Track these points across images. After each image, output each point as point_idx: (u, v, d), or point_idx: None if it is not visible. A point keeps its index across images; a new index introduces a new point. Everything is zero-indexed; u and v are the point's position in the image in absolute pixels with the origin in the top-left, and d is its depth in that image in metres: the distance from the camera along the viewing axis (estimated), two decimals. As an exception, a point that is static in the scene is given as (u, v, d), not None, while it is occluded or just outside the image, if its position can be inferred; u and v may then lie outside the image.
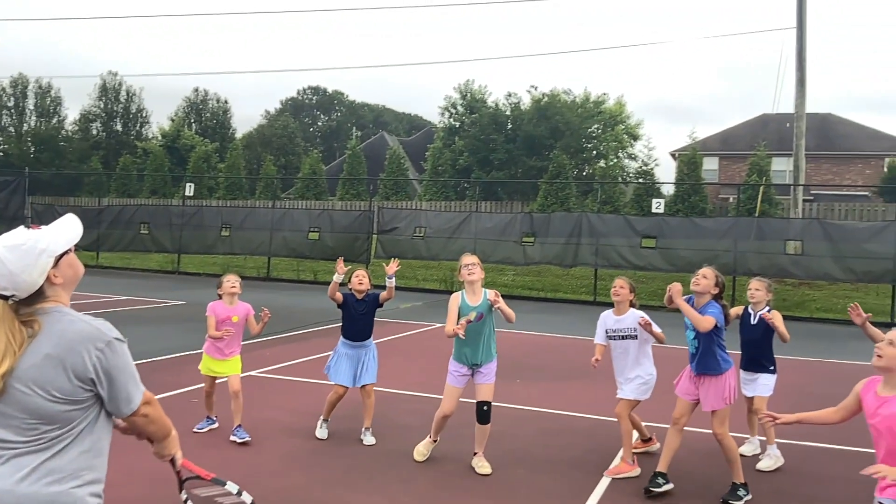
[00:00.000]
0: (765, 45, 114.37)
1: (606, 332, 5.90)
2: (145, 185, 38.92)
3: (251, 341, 10.78)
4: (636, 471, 5.54)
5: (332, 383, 6.31)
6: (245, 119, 78.48)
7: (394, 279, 6.28)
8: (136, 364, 2.32)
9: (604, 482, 5.41)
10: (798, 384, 9.35)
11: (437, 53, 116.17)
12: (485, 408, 5.52)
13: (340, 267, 6.27)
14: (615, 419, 6.78)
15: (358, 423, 6.37)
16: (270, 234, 22.73)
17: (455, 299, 5.55)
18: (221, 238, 23.34)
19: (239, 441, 5.93)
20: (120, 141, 49.52)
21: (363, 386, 6.23)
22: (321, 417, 6.37)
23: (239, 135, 56.98)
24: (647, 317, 5.69)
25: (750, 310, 6.05)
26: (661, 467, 5.26)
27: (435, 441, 5.81)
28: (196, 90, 58.04)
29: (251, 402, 7.26)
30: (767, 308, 5.98)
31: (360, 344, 6.30)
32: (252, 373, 8.61)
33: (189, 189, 25.96)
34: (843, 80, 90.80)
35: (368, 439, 6.17)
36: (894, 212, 19.42)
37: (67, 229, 2.33)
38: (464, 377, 5.60)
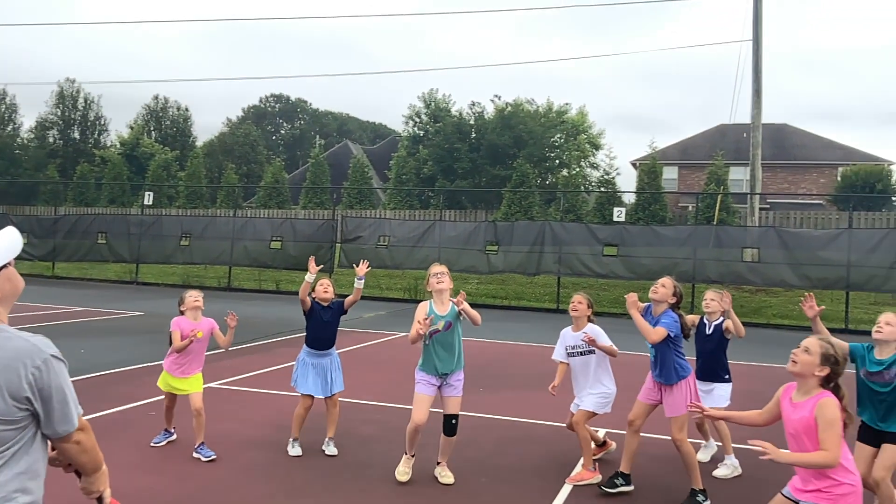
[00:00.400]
0: (723, 57, 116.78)
1: (566, 350, 5.97)
2: (103, 194, 38.21)
3: (212, 352, 10.63)
4: (597, 477, 5.59)
5: (299, 395, 6.18)
6: (206, 127, 77.67)
7: (363, 281, 6.25)
8: (93, 377, 2.29)
9: (565, 489, 5.44)
10: (755, 389, 9.52)
11: (401, 62, 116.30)
12: (453, 421, 5.45)
13: (312, 266, 6.17)
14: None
15: (318, 434, 6.32)
16: (232, 244, 22.47)
17: (422, 308, 5.48)
18: (181, 247, 23.02)
19: (204, 459, 5.79)
20: (77, 149, 48.54)
21: (331, 395, 6.17)
22: (291, 437, 6.15)
23: (200, 143, 56.32)
24: (590, 332, 5.76)
25: (706, 320, 6.14)
26: (623, 468, 5.39)
27: (412, 457, 5.58)
28: (156, 97, 57.27)
29: (211, 414, 7.16)
30: (722, 319, 6.06)
31: (325, 353, 6.25)
32: (212, 384, 8.49)
33: (148, 198, 25.54)
34: (799, 91, 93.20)
35: (331, 450, 6.11)
36: (848, 220, 19.92)
37: (4, 243, 2.26)
38: (433, 386, 5.49)
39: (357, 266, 6.31)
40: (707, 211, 27.02)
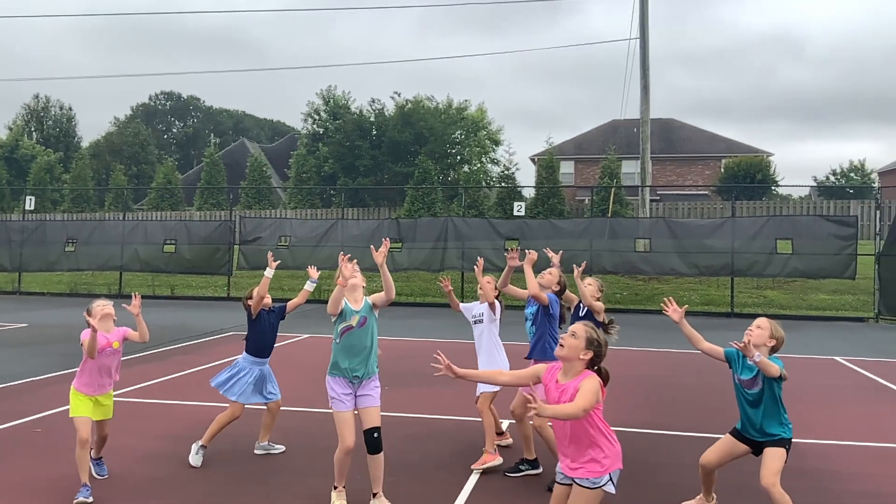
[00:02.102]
0: (615, 55, 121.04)
1: (471, 317, 6.39)
2: (-21, 200, 35.79)
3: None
4: (498, 460, 5.80)
5: (228, 402, 5.96)
6: (92, 126, 73.74)
7: (315, 284, 6.31)
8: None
9: (471, 481, 5.51)
10: (651, 374, 9.92)
11: (298, 58, 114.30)
12: (375, 434, 4.93)
13: (272, 261, 6.21)
14: (475, 420, 6.96)
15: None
16: (122, 248, 21.50)
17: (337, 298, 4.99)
18: (65, 253, 21.84)
19: (98, 477, 5.49)
20: (-52, 152, 45.19)
21: (273, 402, 6.13)
22: (199, 443, 5.92)
23: (85, 143, 53.67)
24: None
25: (582, 303, 6.41)
26: (527, 455, 5.74)
27: (344, 488, 5.07)
28: (36, 96, 54.19)
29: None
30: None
31: (266, 359, 6.15)
32: (104, 397, 8.09)
33: (30, 202, 24.07)
34: (684, 86, 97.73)
35: (277, 448, 6.23)
36: (731, 209, 21.07)
37: None
38: (349, 396, 4.98)
39: (309, 268, 6.34)
40: (602, 204, 27.95)
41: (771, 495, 4.37)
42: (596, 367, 3.71)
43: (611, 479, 3.63)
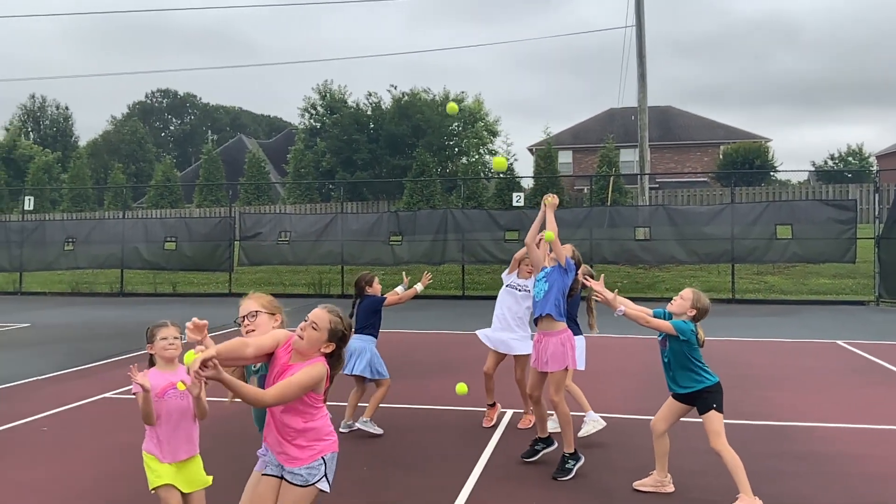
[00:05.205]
0: (611, 43, 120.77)
1: (511, 285, 6.64)
2: (-22, 201, 35.78)
3: (106, 361, 10.17)
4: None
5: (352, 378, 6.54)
6: (89, 126, 73.98)
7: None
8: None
9: (475, 473, 5.52)
10: (652, 362, 9.96)
11: (292, 53, 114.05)
12: None
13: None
14: (482, 409, 7.01)
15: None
16: (122, 247, 21.52)
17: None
18: (64, 253, 21.86)
19: None
20: (-55, 153, 45.14)
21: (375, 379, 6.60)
22: (364, 418, 6.42)
23: (83, 142, 53.60)
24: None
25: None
26: (540, 434, 5.73)
27: None
28: (32, 97, 54.09)
29: (105, 425, 6.85)
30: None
31: (357, 336, 6.52)
32: (108, 394, 8.13)
33: (29, 203, 24.07)
34: (681, 73, 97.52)
35: (374, 428, 6.50)
36: (730, 195, 21.08)
37: None
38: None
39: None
40: (601, 193, 27.92)
41: (721, 456, 4.70)
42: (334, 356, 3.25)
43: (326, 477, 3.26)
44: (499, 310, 6.62)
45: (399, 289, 6.80)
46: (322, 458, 3.22)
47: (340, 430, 6.31)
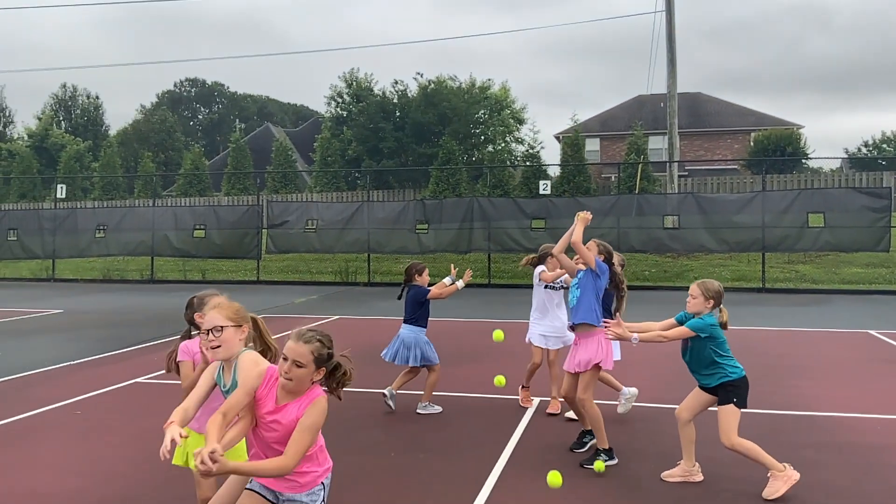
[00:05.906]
0: (639, 29, 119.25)
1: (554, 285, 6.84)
2: (12, 189, 36.48)
3: (138, 346, 10.33)
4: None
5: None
6: (119, 115, 74.90)
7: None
8: (11, 379, 2.17)
9: (502, 460, 5.53)
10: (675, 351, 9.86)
11: (319, 42, 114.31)
12: None
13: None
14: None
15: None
16: (152, 234, 21.80)
17: (210, 371, 3.37)
18: (96, 240, 22.22)
19: None
20: (-19, 142, 46.06)
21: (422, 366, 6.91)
22: (423, 403, 6.78)
23: (113, 131, 54.31)
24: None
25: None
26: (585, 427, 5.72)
27: None
28: (64, 86, 54.85)
29: (137, 408, 6.96)
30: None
31: (404, 325, 6.99)
32: (139, 379, 8.26)
33: (61, 191, 24.48)
34: (712, 59, 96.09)
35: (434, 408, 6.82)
36: (761, 183, 20.75)
37: None
38: None
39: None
40: (629, 180, 27.67)
41: (736, 451, 4.72)
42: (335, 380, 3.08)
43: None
44: (537, 301, 6.92)
45: (447, 279, 6.91)
46: (322, 482, 3.17)
47: (388, 401, 6.73)
